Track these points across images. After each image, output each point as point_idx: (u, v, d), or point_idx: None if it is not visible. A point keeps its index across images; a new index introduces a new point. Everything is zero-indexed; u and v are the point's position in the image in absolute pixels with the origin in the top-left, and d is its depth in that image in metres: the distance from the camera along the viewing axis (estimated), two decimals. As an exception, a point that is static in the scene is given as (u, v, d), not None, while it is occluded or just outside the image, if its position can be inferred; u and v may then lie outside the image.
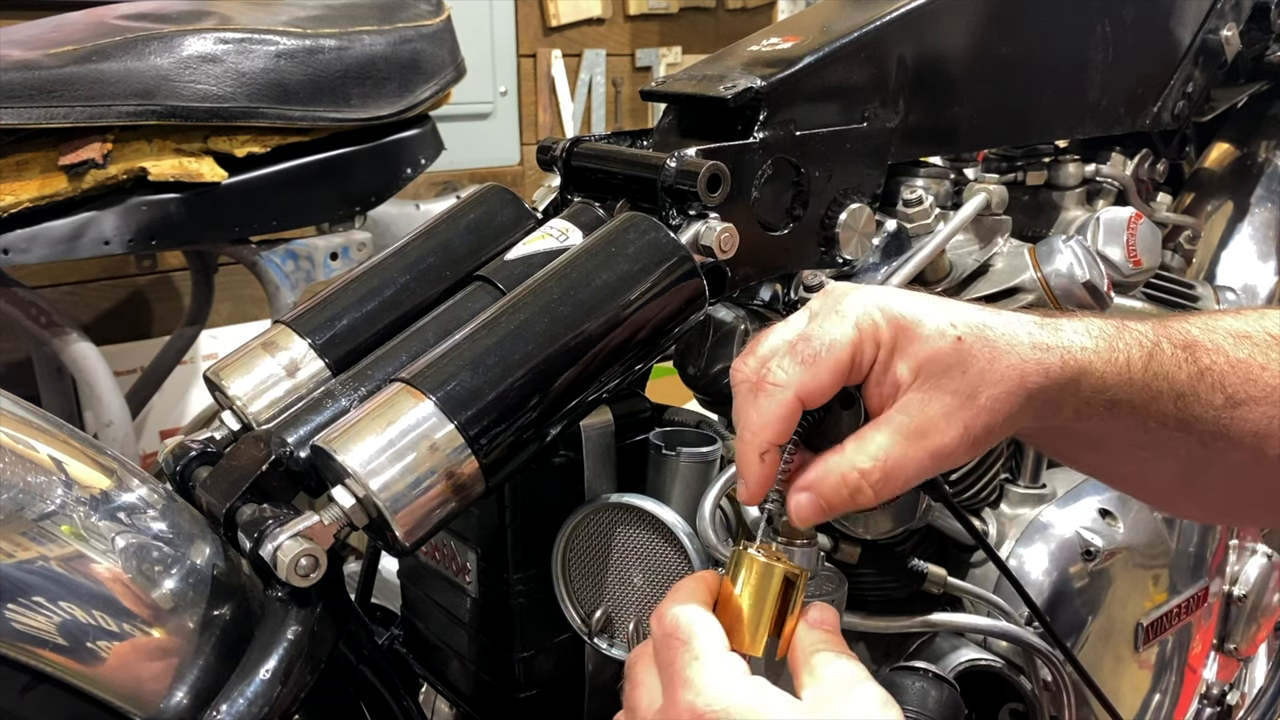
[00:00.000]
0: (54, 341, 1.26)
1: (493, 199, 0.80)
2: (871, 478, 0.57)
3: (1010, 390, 0.58)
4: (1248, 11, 1.11)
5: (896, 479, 0.57)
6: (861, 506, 0.57)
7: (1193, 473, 0.66)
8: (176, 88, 1.16)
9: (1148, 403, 0.62)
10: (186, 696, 0.60)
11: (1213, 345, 0.63)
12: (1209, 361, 0.63)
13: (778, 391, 0.57)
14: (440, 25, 1.40)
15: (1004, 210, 0.92)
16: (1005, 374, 0.58)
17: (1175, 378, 0.62)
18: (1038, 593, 0.95)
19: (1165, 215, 1.15)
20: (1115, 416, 0.62)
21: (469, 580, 0.77)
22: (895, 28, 0.83)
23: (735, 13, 2.84)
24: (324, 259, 1.34)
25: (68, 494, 0.59)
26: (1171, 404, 0.62)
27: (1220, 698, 1.25)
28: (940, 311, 0.59)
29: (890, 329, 0.58)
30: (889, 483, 0.57)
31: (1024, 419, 0.60)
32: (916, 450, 0.57)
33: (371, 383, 0.68)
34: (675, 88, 0.81)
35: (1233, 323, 0.65)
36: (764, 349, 0.60)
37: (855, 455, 0.57)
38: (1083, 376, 0.60)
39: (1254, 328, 0.65)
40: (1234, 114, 1.23)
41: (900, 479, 0.57)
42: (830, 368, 0.57)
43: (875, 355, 0.58)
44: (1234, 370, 0.63)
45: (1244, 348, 0.63)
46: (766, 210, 0.78)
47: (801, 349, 0.57)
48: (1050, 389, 0.59)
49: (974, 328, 0.58)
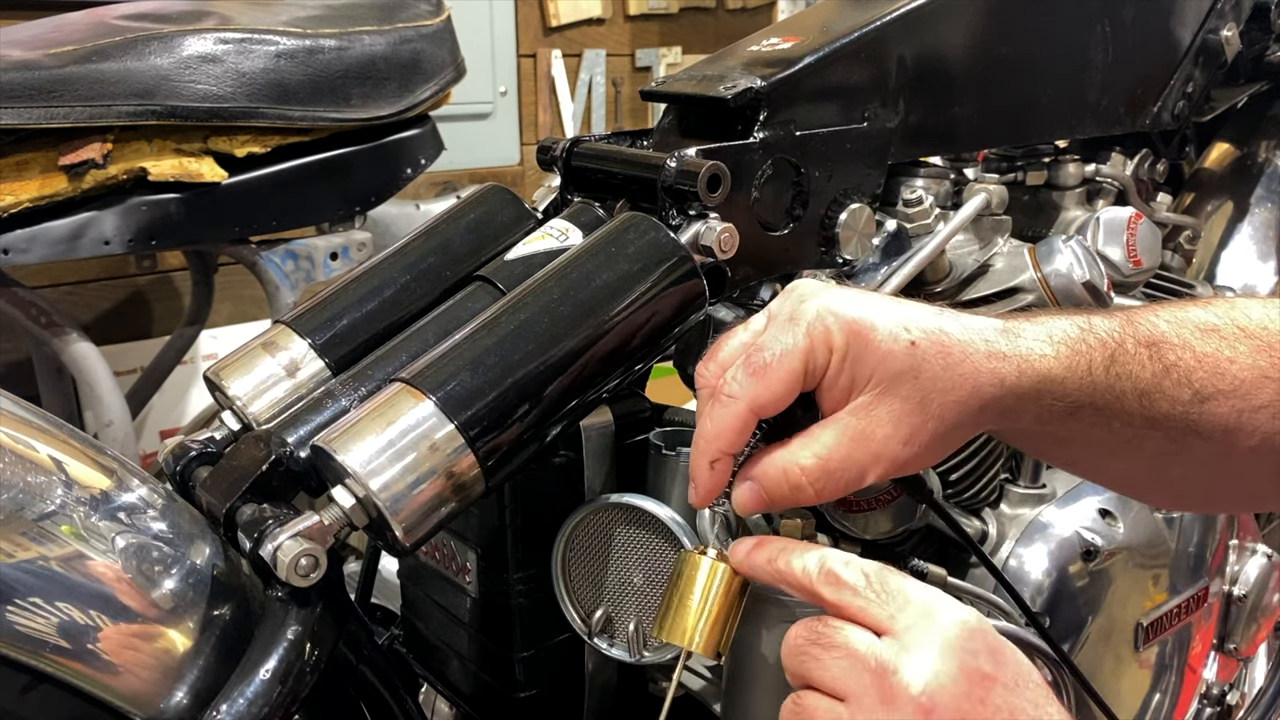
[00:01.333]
0: (54, 341, 1.26)
1: (493, 199, 0.80)
2: (811, 475, 0.57)
3: (962, 399, 0.58)
4: (1248, 11, 1.11)
5: (838, 479, 0.58)
6: (803, 503, 0.58)
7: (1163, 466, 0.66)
8: (176, 88, 1.16)
9: (1111, 403, 0.62)
10: (186, 696, 0.60)
11: (1179, 340, 0.63)
12: (1174, 358, 0.62)
13: (731, 403, 0.57)
14: (440, 25, 1.40)
15: (1004, 210, 0.92)
16: (957, 382, 0.58)
17: (1139, 376, 0.62)
18: (1038, 592, 0.95)
19: (1165, 215, 1.15)
20: (1078, 419, 0.62)
21: (469, 580, 0.77)
22: (895, 28, 0.83)
23: (735, 13, 2.84)
24: (324, 259, 1.34)
25: (68, 494, 0.59)
26: (1136, 402, 0.62)
27: (1220, 698, 1.25)
28: (896, 316, 0.59)
29: (843, 334, 0.57)
30: (829, 482, 0.57)
31: (980, 425, 0.61)
32: (860, 453, 0.57)
33: (371, 383, 0.68)
34: (675, 88, 0.81)
35: (1201, 315, 0.64)
36: (724, 354, 0.61)
37: (799, 452, 0.58)
38: (1041, 384, 0.60)
39: (1222, 320, 0.64)
40: (1234, 114, 1.23)
41: (841, 480, 0.58)
42: (782, 378, 0.57)
43: (828, 361, 0.58)
44: (1200, 365, 0.62)
45: (1211, 341, 0.63)
46: (766, 210, 0.78)
47: (754, 359, 0.58)
48: (1006, 398, 0.60)
49: (929, 333, 0.58)
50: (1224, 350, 0.63)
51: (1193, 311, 0.65)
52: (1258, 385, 0.62)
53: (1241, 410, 0.62)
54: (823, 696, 0.53)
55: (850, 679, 0.52)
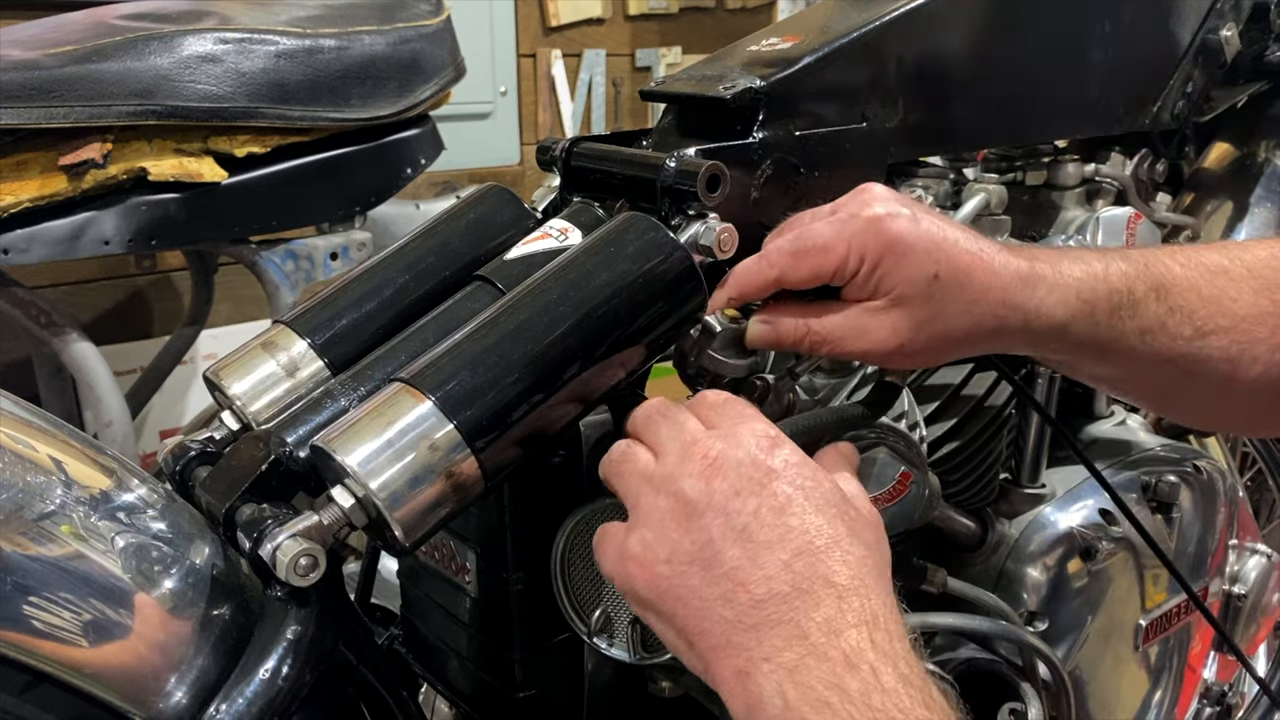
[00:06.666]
0: (54, 341, 1.26)
1: (492, 199, 0.80)
2: (814, 337, 0.69)
3: (961, 332, 0.67)
4: (1248, 11, 1.11)
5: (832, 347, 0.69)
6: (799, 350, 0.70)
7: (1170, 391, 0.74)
8: (176, 88, 1.16)
9: (1113, 341, 0.69)
10: (186, 696, 0.60)
11: (1188, 284, 0.69)
12: (1181, 301, 0.69)
13: (766, 268, 0.68)
14: (440, 25, 1.40)
15: (1004, 210, 0.92)
16: (962, 318, 0.67)
17: (1142, 317, 0.69)
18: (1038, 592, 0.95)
19: (1165, 215, 1.15)
20: (1080, 354, 0.71)
21: (469, 580, 0.77)
22: (895, 28, 0.83)
23: (735, 13, 2.84)
24: (324, 259, 1.34)
25: (67, 494, 0.59)
26: (1138, 340, 0.69)
27: (1220, 697, 1.25)
28: (931, 245, 0.66)
29: (879, 250, 0.66)
30: (826, 347, 0.69)
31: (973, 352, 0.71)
32: (857, 339, 0.68)
33: (371, 382, 0.68)
34: (675, 88, 0.81)
35: (1213, 258, 0.71)
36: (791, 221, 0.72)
37: (812, 317, 0.69)
38: (1045, 331, 0.68)
39: (1233, 261, 0.71)
40: (1234, 114, 1.23)
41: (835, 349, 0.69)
42: (811, 267, 0.67)
43: (859, 268, 0.67)
44: (1204, 305, 0.69)
45: (1218, 283, 0.70)
46: (766, 210, 0.78)
47: (798, 241, 0.68)
48: (1005, 339, 0.68)
49: (955, 271, 0.66)
50: (1229, 290, 0.69)
51: (1206, 255, 0.71)
52: (1258, 321, 0.69)
53: (1242, 344, 0.69)
54: (643, 447, 0.62)
55: (664, 434, 0.61)
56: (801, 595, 0.53)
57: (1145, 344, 0.69)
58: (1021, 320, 0.67)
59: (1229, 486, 1.14)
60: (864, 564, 0.55)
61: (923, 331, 0.67)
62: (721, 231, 0.69)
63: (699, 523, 0.56)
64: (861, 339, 0.68)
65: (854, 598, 0.53)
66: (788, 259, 0.68)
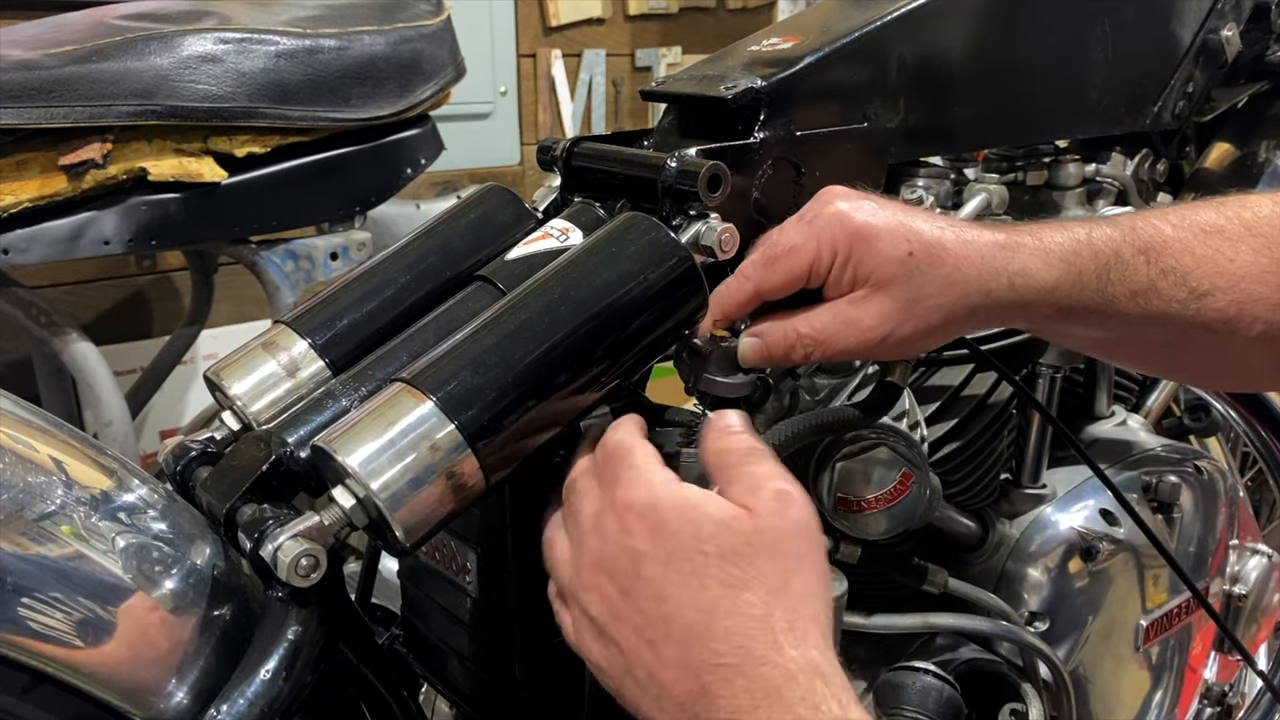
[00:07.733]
0: (54, 341, 1.26)
1: (493, 199, 0.80)
2: (805, 342, 0.68)
3: (947, 307, 0.67)
4: (1248, 11, 1.11)
5: (825, 349, 0.68)
6: (794, 362, 0.69)
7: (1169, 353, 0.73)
8: (176, 88, 1.16)
9: (1103, 306, 0.68)
10: (186, 696, 0.60)
11: (1180, 245, 0.69)
12: (1173, 263, 0.68)
13: (744, 282, 0.69)
14: (440, 25, 1.40)
15: (1004, 210, 0.92)
16: (945, 292, 0.67)
17: (1133, 280, 0.68)
18: (1038, 592, 0.95)
19: (1165, 215, 1.15)
20: (1072, 321, 0.70)
21: (469, 580, 0.77)
22: (895, 28, 0.83)
23: (735, 13, 2.84)
24: (324, 259, 1.34)
25: (68, 494, 0.59)
26: (1130, 303, 0.68)
27: (1220, 697, 1.25)
28: (899, 226, 0.67)
29: (848, 240, 0.66)
30: (819, 350, 0.68)
31: (968, 328, 0.70)
32: (846, 333, 0.68)
33: (372, 383, 0.68)
34: (675, 88, 0.81)
35: (1208, 216, 0.70)
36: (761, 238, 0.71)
37: (800, 322, 0.68)
38: (1031, 296, 0.67)
39: (1229, 220, 0.69)
40: (1234, 114, 1.23)
41: (828, 351, 0.68)
42: (785, 272, 0.68)
43: (833, 262, 0.67)
44: (1199, 266, 0.68)
45: (1213, 243, 0.69)
46: (767, 210, 0.78)
47: (768, 250, 0.68)
48: (993, 308, 0.68)
49: (928, 245, 0.66)
50: (1225, 250, 0.68)
51: (1201, 213, 0.70)
52: (1257, 280, 0.67)
53: (1241, 303, 0.68)
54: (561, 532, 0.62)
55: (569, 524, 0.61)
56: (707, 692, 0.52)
57: (1138, 306, 0.68)
58: (1007, 284, 0.67)
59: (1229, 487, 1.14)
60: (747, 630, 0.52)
61: (909, 313, 0.67)
62: (723, 232, 0.69)
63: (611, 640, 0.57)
64: (850, 332, 0.67)
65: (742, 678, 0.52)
66: (761, 270, 0.68)
